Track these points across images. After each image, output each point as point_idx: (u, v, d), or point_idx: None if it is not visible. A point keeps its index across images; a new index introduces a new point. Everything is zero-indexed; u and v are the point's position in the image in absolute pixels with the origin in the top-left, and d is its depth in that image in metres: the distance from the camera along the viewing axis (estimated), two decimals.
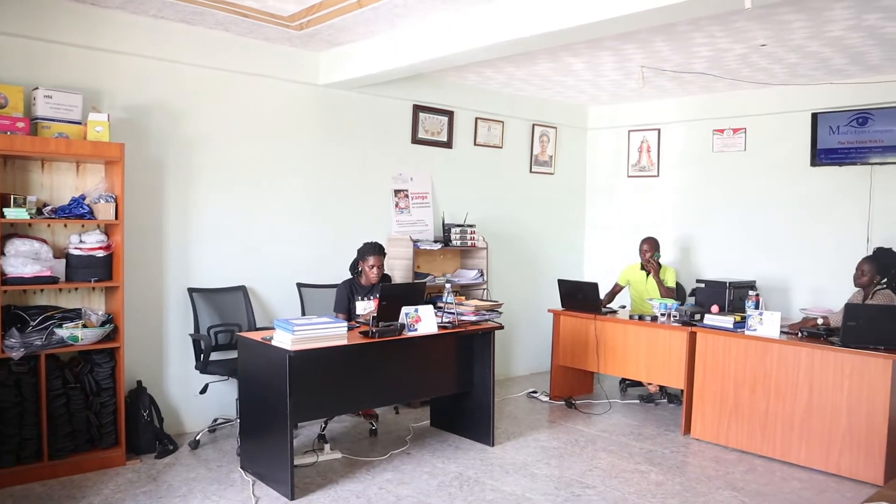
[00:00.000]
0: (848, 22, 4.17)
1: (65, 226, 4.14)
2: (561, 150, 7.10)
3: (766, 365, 4.49)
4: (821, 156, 5.75)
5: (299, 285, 5.14)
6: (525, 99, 6.64)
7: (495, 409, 4.74)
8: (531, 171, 6.86)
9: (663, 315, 5.12)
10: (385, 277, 4.87)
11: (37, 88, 3.96)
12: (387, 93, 5.66)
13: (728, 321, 4.75)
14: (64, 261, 4.05)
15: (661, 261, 5.73)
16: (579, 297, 5.60)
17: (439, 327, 4.33)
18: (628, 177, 7.07)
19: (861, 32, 4.36)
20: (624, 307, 5.91)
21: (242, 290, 4.92)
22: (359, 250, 4.74)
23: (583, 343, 5.57)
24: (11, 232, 3.94)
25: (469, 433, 4.75)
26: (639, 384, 5.93)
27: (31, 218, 3.85)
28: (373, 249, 4.66)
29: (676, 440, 4.86)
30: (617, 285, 6.01)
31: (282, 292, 5.14)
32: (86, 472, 3.97)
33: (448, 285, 4.66)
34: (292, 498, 3.70)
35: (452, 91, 6.09)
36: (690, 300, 5.68)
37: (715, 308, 4.96)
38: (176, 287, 4.69)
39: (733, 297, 5.24)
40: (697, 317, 5.02)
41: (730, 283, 5.36)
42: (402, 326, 4.18)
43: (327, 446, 4.40)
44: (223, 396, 4.78)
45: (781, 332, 4.51)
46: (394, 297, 4.26)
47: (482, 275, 5.98)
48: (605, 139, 7.24)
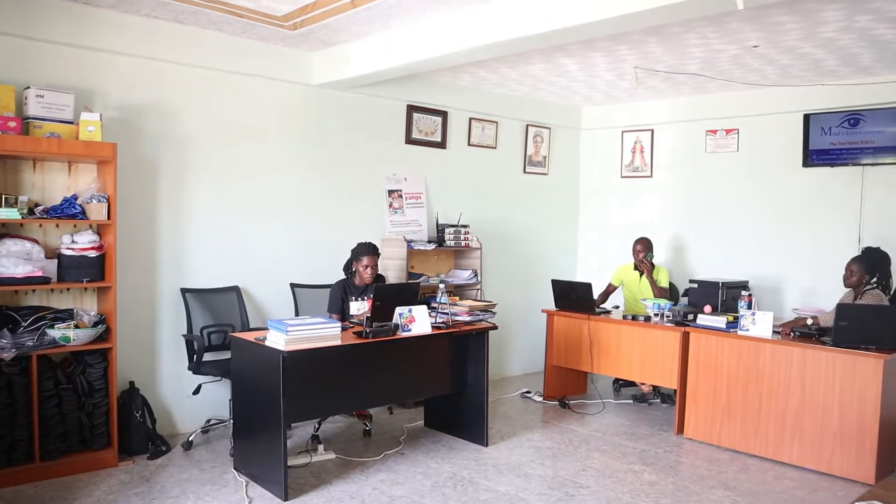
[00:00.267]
0: (839, 23, 4.19)
1: (56, 226, 4.12)
2: (555, 151, 7.11)
3: (759, 365, 4.50)
4: (813, 157, 5.78)
5: (293, 285, 5.14)
6: (519, 99, 6.64)
7: (489, 410, 4.74)
8: (525, 172, 6.87)
9: (656, 315, 5.13)
10: (379, 278, 4.87)
11: (28, 88, 3.93)
12: (381, 93, 5.65)
13: (721, 321, 4.76)
14: (56, 261, 4.03)
15: (654, 261, 5.75)
16: (573, 298, 5.61)
17: (433, 328, 4.33)
18: (622, 177, 7.09)
19: (852, 34, 4.38)
20: (617, 307, 5.93)
21: (236, 290, 4.90)
22: (353, 250, 4.75)
23: (576, 343, 5.58)
24: (3, 232, 3.92)
25: (463, 433, 4.76)
26: (632, 384, 5.95)
27: (22, 218, 3.82)
28: (367, 249, 4.67)
29: (669, 440, 4.88)
30: (610, 285, 6.03)
31: (275, 293, 5.13)
32: (78, 474, 3.95)
33: (442, 285, 4.65)
34: (286, 499, 3.69)
35: (446, 91, 6.09)
36: (683, 300, 5.69)
37: (708, 308, 4.98)
38: (169, 287, 4.68)
39: (726, 297, 5.27)
40: (690, 317, 5.04)
41: (722, 283, 5.39)
42: (396, 327, 4.18)
43: (321, 447, 4.39)
44: (216, 397, 4.77)
45: (773, 331, 4.53)
46: (388, 297, 4.26)
47: (476, 275, 5.99)
48: (599, 140, 7.25)
